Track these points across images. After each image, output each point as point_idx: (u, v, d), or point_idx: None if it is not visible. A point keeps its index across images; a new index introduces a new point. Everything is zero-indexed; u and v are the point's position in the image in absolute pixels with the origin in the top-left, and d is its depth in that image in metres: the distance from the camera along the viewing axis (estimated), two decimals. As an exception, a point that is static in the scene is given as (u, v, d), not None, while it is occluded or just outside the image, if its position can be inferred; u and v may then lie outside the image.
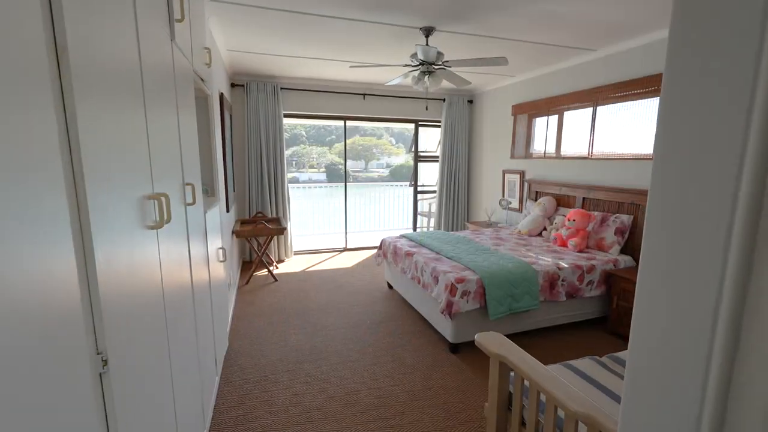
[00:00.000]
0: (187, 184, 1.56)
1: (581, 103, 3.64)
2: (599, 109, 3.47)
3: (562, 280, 2.77)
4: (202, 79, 2.19)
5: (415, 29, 2.77)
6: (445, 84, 4.84)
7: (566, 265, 2.81)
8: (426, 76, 2.87)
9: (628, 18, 2.58)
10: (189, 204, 1.58)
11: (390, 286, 3.85)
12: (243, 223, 4.29)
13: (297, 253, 5.20)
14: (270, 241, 4.05)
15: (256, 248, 4.52)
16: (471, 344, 2.68)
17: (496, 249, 3.24)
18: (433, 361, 2.49)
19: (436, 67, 2.88)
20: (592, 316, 2.99)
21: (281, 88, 4.57)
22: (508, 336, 2.78)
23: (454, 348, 2.59)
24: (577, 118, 3.79)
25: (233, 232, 3.77)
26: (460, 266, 2.74)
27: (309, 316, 3.16)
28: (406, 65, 2.89)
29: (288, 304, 3.40)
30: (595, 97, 3.47)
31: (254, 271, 4.10)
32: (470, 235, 3.82)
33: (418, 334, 2.86)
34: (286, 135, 4.57)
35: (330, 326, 2.98)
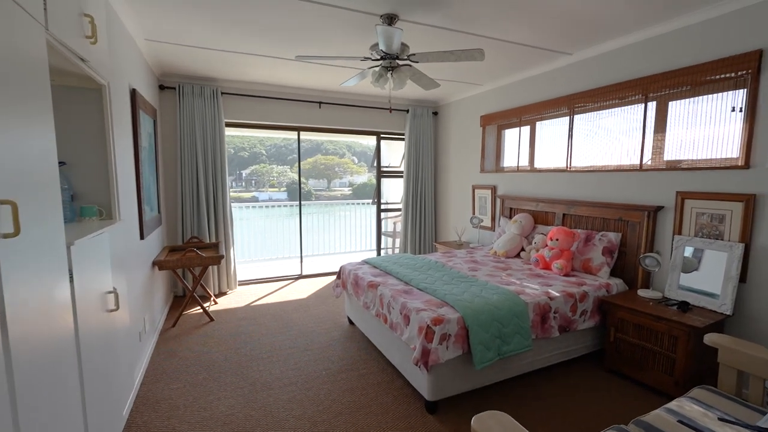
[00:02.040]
0: (2, 202, 0.94)
1: (556, 111, 3.35)
2: (577, 117, 3.18)
3: (555, 312, 2.33)
4: (82, 59, 1.58)
5: (374, 16, 2.31)
6: (409, 92, 4.45)
7: (557, 294, 2.38)
8: (389, 72, 2.40)
9: (605, 13, 2.28)
10: (7, 235, 0.95)
11: (351, 322, 3.26)
12: (173, 250, 3.55)
13: (242, 283, 4.47)
14: (204, 272, 3.35)
15: (190, 281, 3.78)
16: (452, 401, 2.15)
17: (473, 276, 2.77)
18: (406, 427, 1.93)
19: (401, 62, 2.44)
20: (585, 351, 2.57)
21: (222, 93, 3.95)
22: (496, 386, 2.28)
23: (432, 407, 2.04)
24: (552, 128, 3.49)
25: (154, 263, 3.04)
26: (436, 301, 2.22)
27: (247, 370, 2.49)
28: (365, 59, 2.41)
29: (221, 354, 2.71)
30: (572, 104, 3.18)
31: (184, 310, 3.36)
32: (442, 259, 3.34)
33: (385, 387, 2.29)
34: (245, 154, 3.96)
35: (274, 383, 2.33)
